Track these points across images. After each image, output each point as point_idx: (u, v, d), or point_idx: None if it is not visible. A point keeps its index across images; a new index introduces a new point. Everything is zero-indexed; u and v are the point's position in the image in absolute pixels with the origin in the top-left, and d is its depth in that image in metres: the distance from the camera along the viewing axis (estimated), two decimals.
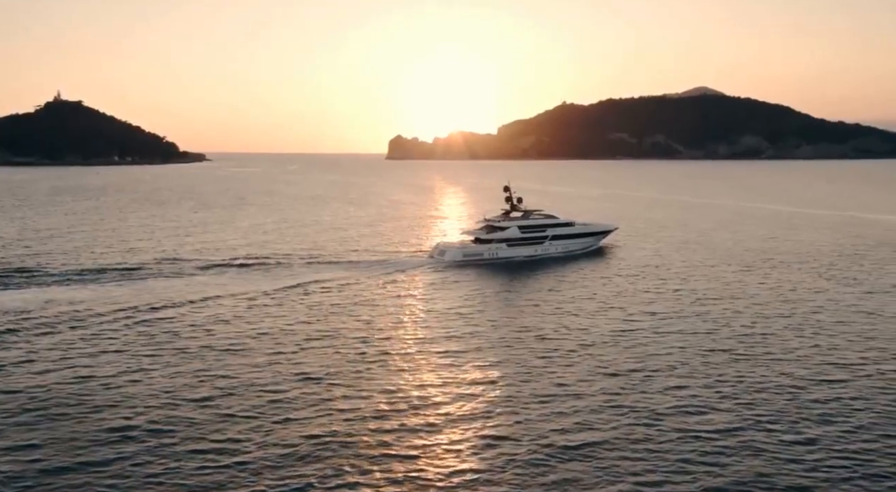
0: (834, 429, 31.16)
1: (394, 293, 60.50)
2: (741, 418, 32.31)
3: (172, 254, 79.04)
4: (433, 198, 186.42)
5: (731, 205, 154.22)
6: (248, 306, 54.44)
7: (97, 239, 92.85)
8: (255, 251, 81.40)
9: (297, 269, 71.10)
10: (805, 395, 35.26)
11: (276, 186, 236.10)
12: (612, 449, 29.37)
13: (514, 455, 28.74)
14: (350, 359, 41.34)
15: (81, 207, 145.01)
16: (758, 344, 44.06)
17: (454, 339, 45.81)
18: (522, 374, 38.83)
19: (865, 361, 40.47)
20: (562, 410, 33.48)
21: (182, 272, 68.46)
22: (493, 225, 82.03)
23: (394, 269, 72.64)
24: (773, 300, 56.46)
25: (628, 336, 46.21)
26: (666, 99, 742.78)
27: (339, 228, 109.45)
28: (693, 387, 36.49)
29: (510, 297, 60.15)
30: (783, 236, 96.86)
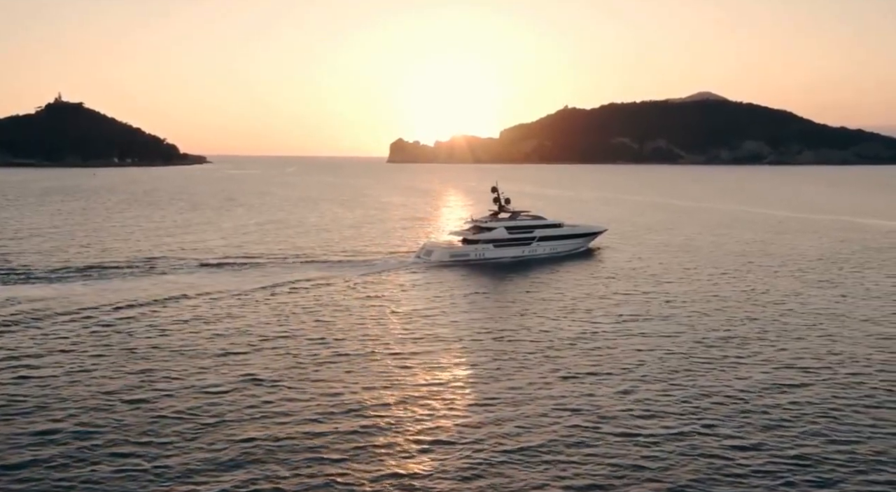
0: (778, 434, 30.20)
1: (364, 294, 59.55)
2: (685, 423, 31.39)
3: (147, 254, 78.24)
4: (426, 200, 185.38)
5: (723, 209, 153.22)
6: (211, 307, 53.57)
7: (75, 239, 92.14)
8: (232, 252, 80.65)
9: (270, 269, 70.31)
10: (756, 399, 34.30)
11: (270, 188, 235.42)
12: (548, 452, 28.57)
13: (448, 459, 27.88)
14: (300, 361, 40.46)
15: (69, 207, 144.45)
16: (718, 347, 43.11)
17: (411, 340, 44.93)
18: (472, 376, 38.02)
19: (822, 366, 39.48)
20: (507, 413, 32.61)
21: (152, 272, 67.71)
22: (481, 226, 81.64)
23: (376, 269, 71.96)
24: (743, 303, 55.49)
25: (589, 339, 45.29)
26: (668, 104, 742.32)
27: (323, 228, 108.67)
28: (643, 390, 35.57)
29: (480, 298, 59.13)
30: (768, 240, 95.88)
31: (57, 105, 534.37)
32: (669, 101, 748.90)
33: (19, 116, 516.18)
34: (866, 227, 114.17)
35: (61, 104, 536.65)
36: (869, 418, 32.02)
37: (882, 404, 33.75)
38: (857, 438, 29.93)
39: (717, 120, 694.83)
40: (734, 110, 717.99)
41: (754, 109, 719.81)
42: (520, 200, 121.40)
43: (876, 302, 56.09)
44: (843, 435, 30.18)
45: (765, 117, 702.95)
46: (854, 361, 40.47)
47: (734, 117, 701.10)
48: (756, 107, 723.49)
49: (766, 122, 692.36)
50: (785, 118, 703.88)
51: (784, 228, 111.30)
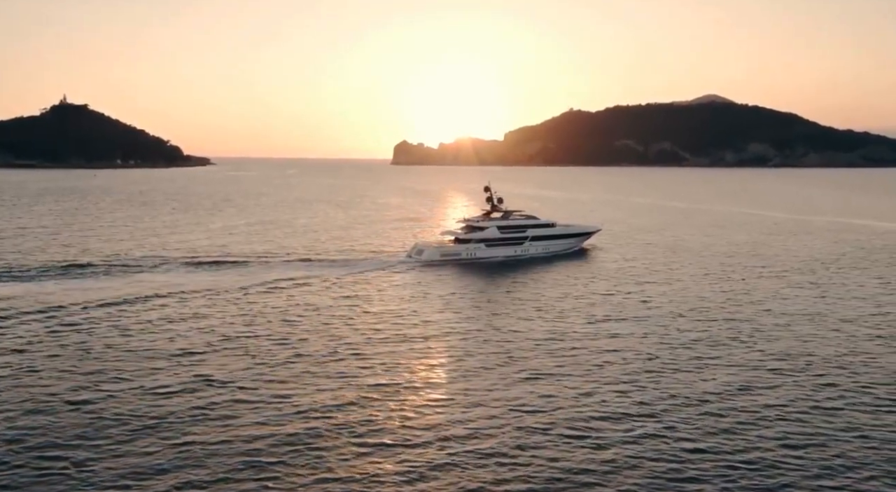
0: (733, 438, 29.11)
1: (338, 294, 58.36)
2: (641, 426, 30.30)
3: (127, 254, 77.48)
4: (422, 201, 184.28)
5: (720, 210, 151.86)
6: (179, 307, 52.61)
7: (59, 238, 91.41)
8: (214, 252, 79.77)
9: (249, 269, 69.40)
10: (716, 402, 33.17)
11: (267, 190, 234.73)
12: (496, 454, 27.63)
13: (390, 463, 26.90)
14: (258, 361, 39.43)
15: (60, 207, 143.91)
16: (687, 349, 41.99)
17: (377, 341, 43.79)
18: (429, 377, 37.03)
19: (789, 368, 38.31)
20: (459, 415, 31.65)
21: (128, 272, 66.84)
22: (473, 225, 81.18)
23: (358, 269, 71.00)
24: (721, 304, 54.33)
25: (557, 339, 44.19)
26: (673, 106, 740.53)
27: (311, 229, 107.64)
28: (603, 392, 34.49)
29: (455, 298, 57.76)
30: (760, 241, 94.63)
31: (62, 107, 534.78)
32: (675, 104, 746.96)
33: (24, 118, 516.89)
34: (863, 228, 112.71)
35: (66, 106, 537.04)
36: (827, 421, 30.89)
37: (844, 407, 32.60)
38: (814, 441, 28.84)
39: (722, 122, 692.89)
40: (739, 113, 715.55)
41: (760, 112, 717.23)
42: (521, 201, 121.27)
43: (855, 303, 54.91)
44: (800, 439, 29.10)
45: (770, 120, 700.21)
46: (825, 361, 39.30)
47: (739, 120, 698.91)
48: (761, 109, 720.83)
49: (771, 124, 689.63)
50: (790, 121, 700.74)
51: (778, 230, 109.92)
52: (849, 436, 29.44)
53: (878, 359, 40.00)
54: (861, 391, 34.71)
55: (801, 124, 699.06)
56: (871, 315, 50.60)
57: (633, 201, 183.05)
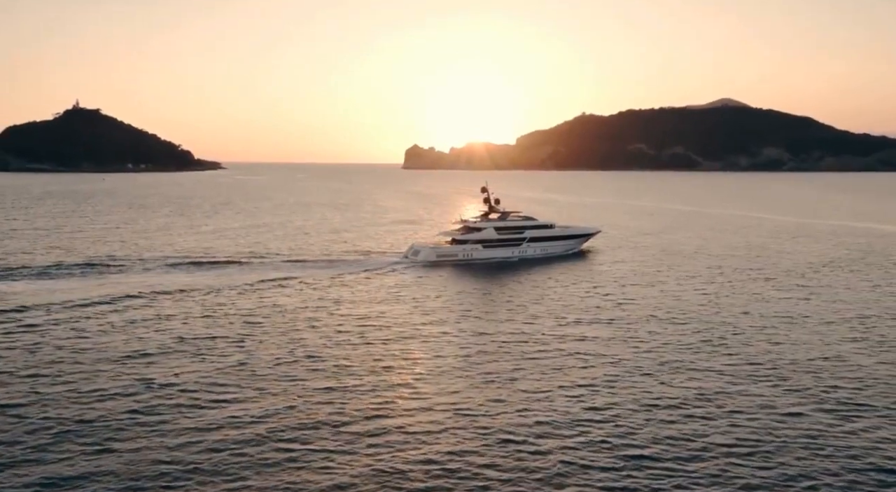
0: (686, 446, 27.50)
1: (315, 295, 56.92)
2: (585, 434, 28.78)
3: (109, 255, 76.67)
4: (423, 205, 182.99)
5: (724, 214, 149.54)
6: (145, 308, 51.47)
7: (47, 240, 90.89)
8: (197, 253, 78.85)
9: (227, 270, 68.50)
10: (669, 409, 31.52)
11: (271, 193, 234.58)
12: (441, 461, 26.26)
13: (333, 470, 25.52)
14: (209, 365, 38.15)
15: (58, 210, 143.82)
16: (655, 353, 40.37)
17: (336, 344, 42.53)
18: (378, 381, 35.57)
19: (757, 375, 36.63)
20: (401, 421, 30.23)
21: (104, 273, 66.04)
22: (470, 226, 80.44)
23: (356, 269, 70.25)
24: (700, 306, 52.76)
25: (521, 342, 42.69)
26: (686, 110, 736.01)
27: (304, 231, 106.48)
28: (557, 397, 32.97)
29: (430, 299, 56.06)
30: (756, 244, 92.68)
31: (74, 111, 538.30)
32: (688, 108, 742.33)
33: (37, 122, 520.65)
34: (865, 231, 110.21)
35: (79, 110, 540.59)
36: (781, 426, 29.21)
37: (803, 413, 30.90)
38: (763, 448, 27.22)
39: (736, 126, 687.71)
40: (754, 117, 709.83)
41: (774, 116, 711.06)
42: (528, 205, 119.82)
43: (838, 305, 53.12)
44: (749, 447, 27.46)
45: (785, 124, 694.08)
46: (792, 365, 37.55)
47: (754, 124, 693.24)
48: (776, 113, 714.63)
49: (786, 128, 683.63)
50: (806, 124, 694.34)
51: (778, 233, 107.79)
52: (803, 443, 27.79)
53: (848, 362, 38.26)
54: (823, 397, 33.01)
55: (817, 128, 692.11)
56: (850, 318, 48.81)
57: (640, 205, 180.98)
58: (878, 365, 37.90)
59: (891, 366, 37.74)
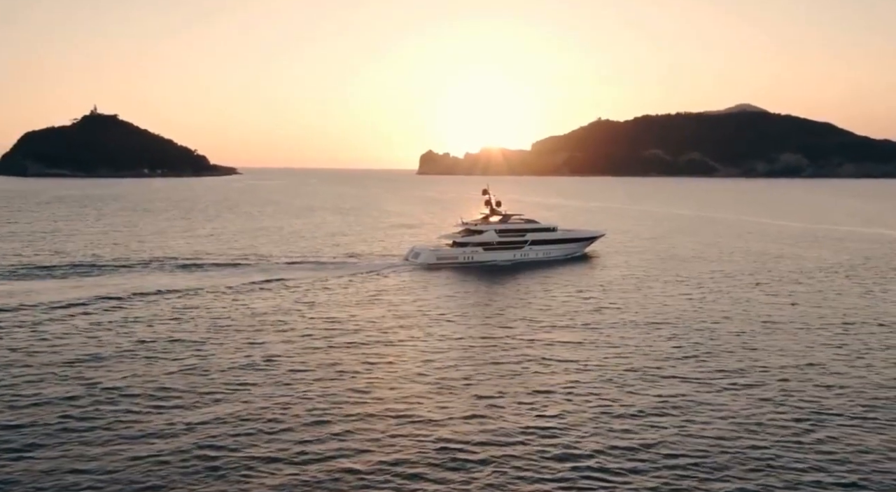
0: (626, 459, 26.19)
1: (289, 298, 55.98)
2: (528, 444, 27.56)
3: (95, 256, 76.46)
4: (429, 209, 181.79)
5: (729, 219, 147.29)
6: (112, 310, 50.81)
7: (38, 242, 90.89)
8: (184, 255, 78.34)
9: (207, 272, 67.86)
10: (619, 421, 30.19)
11: (279, 198, 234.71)
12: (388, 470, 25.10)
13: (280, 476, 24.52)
14: (158, 369, 37.30)
15: (61, 213, 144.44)
16: (624, 357, 38.97)
17: (308, 349, 41.50)
18: (347, 385, 34.40)
19: (719, 385, 35.14)
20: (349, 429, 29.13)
21: (84, 274, 65.66)
22: (471, 228, 79.89)
23: (348, 272, 69.69)
24: (684, 311, 51.31)
25: (490, 347, 41.44)
26: (703, 116, 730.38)
27: (299, 234, 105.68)
28: (507, 406, 31.72)
29: (407, 303, 54.83)
30: (753, 249, 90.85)
31: (92, 117, 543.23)
32: (705, 113, 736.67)
33: (56, 128, 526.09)
34: (874, 237, 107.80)
35: (96, 116, 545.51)
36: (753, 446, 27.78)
37: (765, 422, 29.42)
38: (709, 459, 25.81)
39: (754, 132, 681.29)
40: (772, 122, 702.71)
41: (793, 121, 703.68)
42: (537, 210, 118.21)
43: (823, 310, 51.52)
44: (693, 460, 26.04)
45: (804, 129, 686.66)
46: (763, 371, 36.03)
47: (772, 129, 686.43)
48: (795, 119, 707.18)
49: (805, 134, 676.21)
50: (825, 130, 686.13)
51: (777, 238, 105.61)
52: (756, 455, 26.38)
53: (821, 369, 36.66)
54: (786, 404, 31.52)
55: (837, 134, 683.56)
56: (833, 324, 47.12)
57: (649, 210, 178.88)
58: (851, 372, 36.30)
59: (865, 372, 36.12)
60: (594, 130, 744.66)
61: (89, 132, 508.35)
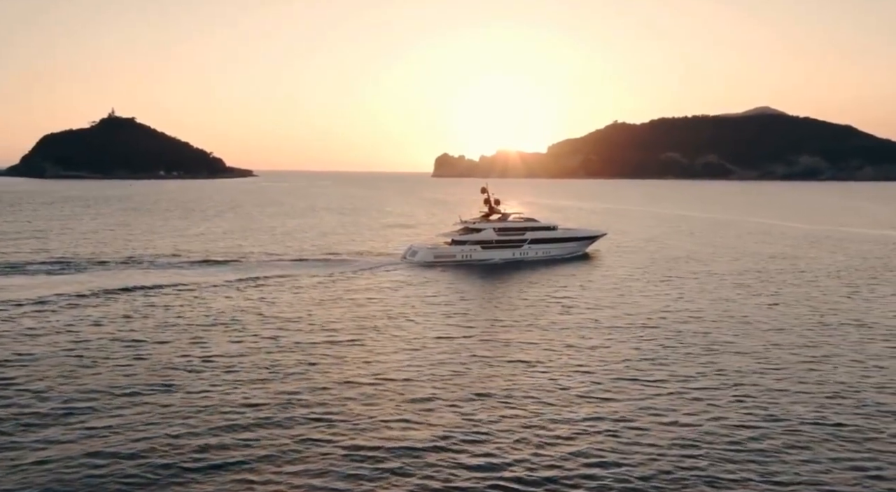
0: (565, 470, 24.51)
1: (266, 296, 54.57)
2: (457, 455, 25.94)
3: (74, 254, 75.75)
4: (430, 209, 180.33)
5: (734, 220, 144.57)
6: (82, 309, 49.67)
7: (28, 239, 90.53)
8: (163, 253, 77.49)
9: (178, 271, 66.86)
10: (566, 427, 28.50)
11: (286, 198, 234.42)
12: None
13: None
14: (88, 371, 36.03)
15: (60, 213, 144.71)
16: (586, 361, 37.20)
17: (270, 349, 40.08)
18: (316, 386, 32.89)
19: (676, 389, 33.30)
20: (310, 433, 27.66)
21: (58, 271, 64.95)
22: (470, 227, 79.08)
23: (339, 270, 68.98)
24: (654, 310, 49.45)
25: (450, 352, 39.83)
26: (721, 118, 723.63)
27: (289, 234, 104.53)
28: (445, 412, 30.13)
29: (409, 300, 53.21)
30: (749, 250, 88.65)
31: (110, 120, 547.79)
32: (723, 116, 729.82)
33: (74, 131, 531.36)
34: (879, 238, 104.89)
35: (114, 119, 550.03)
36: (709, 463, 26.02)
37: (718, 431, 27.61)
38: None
39: (772, 134, 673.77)
40: (790, 124, 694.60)
41: (812, 124, 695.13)
42: (543, 210, 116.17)
43: (802, 310, 49.60)
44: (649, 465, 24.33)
45: (823, 132, 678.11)
46: (719, 374, 34.14)
47: (791, 132, 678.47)
48: (814, 121, 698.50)
49: (824, 136, 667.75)
50: (845, 133, 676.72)
51: (776, 239, 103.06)
52: (700, 466, 24.63)
53: (786, 371, 34.73)
54: (738, 411, 29.66)
55: (857, 136, 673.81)
56: (808, 325, 45.08)
57: (659, 212, 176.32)
58: (809, 375, 34.30)
59: (825, 376, 34.13)
60: (610, 133, 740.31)
61: (107, 135, 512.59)
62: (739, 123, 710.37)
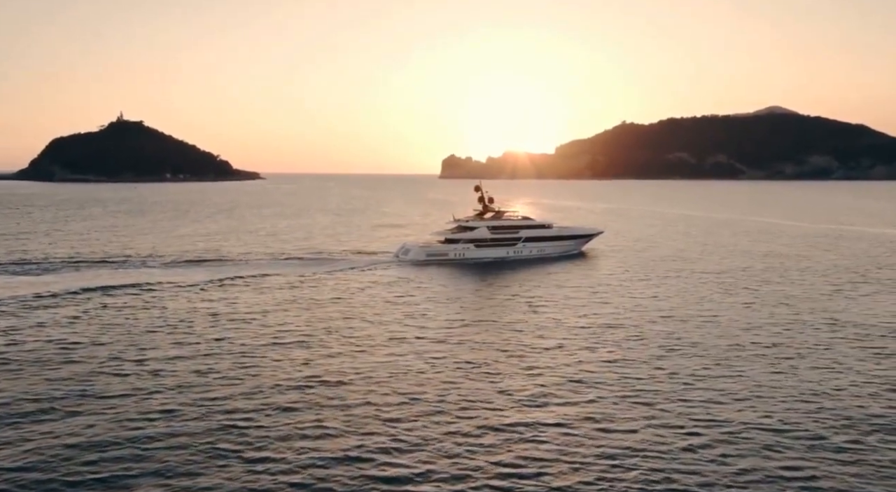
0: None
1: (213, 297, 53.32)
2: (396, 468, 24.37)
3: (48, 254, 74.83)
4: (426, 210, 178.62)
5: (735, 219, 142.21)
6: (27, 311, 48.54)
7: (8, 240, 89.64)
8: (145, 253, 76.33)
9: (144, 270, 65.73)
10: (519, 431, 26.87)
11: (285, 200, 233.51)
12: None
13: None
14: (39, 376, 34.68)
15: (52, 215, 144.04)
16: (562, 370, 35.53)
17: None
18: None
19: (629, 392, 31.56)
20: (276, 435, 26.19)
21: (27, 271, 64.24)
22: (463, 225, 78.17)
23: (336, 268, 68.30)
24: (629, 309, 47.70)
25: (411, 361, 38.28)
26: (730, 118, 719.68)
27: (273, 234, 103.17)
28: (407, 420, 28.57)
29: (392, 299, 51.71)
30: (740, 248, 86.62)
31: (118, 123, 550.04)
32: (732, 116, 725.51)
33: (82, 134, 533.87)
34: (875, 236, 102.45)
35: (123, 122, 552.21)
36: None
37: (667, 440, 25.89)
38: None
39: (782, 134, 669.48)
40: (801, 124, 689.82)
41: (823, 123, 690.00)
42: (542, 210, 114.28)
43: (779, 309, 47.53)
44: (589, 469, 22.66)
45: (834, 131, 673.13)
46: (671, 376, 32.35)
47: (801, 131, 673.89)
48: (825, 120, 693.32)
49: (835, 135, 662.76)
50: (856, 131, 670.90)
51: (773, 238, 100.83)
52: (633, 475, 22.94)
53: (742, 373, 32.92)
54: (676, 416, 27.91)
55: (869, 135, 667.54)
56: (779, 325, 43.12)
57: (658, 211, 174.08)
58: (767, 379, 32.46)
59: (783, 378, 32.28)
60: (618, 134, 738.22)
61: (115, 138, 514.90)
62: (749, 122, 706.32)
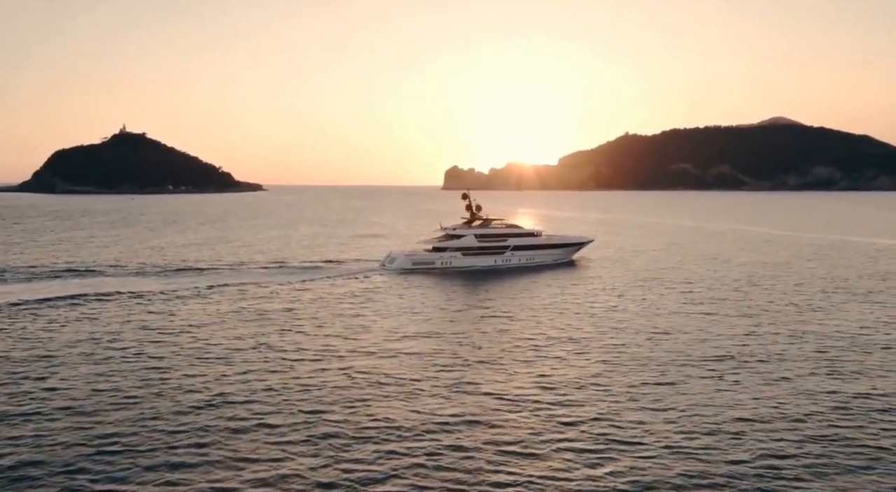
0: None
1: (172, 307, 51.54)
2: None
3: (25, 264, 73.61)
4: (415, 221, 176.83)
5: (726, 229, 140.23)
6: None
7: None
8: (109, 262, 74.88)
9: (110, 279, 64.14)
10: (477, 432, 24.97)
11: (279, 211, 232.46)
12: None
13: None
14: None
15: (38, 226, 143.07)
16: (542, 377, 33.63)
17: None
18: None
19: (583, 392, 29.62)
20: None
21: None
22: (451, 233, 76.97)
23: (313, 276, 67.27)
24: (584, 320, 45.64)
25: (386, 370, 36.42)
26: (734, 129, 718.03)
27: (248, 245, 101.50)
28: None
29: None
30: (721, 256, 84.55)
31: (121, 135, 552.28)
32: (735, 127, 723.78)
33: (85, 146, 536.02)
34: (860, 246, 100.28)
35: (125, 135, 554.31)
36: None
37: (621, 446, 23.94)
38: None
39: (785, 145, 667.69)
40: (804, 134, 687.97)
41: (826, 133, 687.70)
42: (540, 220, 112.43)
43: (737, 321, 45.52)
44: None
45: (838, 141, 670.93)
46: (627, 386, 30.38)
47: (804, 142, 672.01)
48: (828, 131, 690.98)
49: (839, 146, 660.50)
50: (861, 142, 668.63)
51: (762, 247, 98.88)
52: None
53: (686, 385, 30.93)
54: (602, 426, 25.97)
55: (873, 146, 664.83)
56: (737, 336, 41.08)
57: (654, 221, 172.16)
58: (715, 393, 30.46)
59: (730, 388, 30.27)
60: (622, 145, 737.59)
61: (117, 150, 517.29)
62: (752, 133, 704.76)
